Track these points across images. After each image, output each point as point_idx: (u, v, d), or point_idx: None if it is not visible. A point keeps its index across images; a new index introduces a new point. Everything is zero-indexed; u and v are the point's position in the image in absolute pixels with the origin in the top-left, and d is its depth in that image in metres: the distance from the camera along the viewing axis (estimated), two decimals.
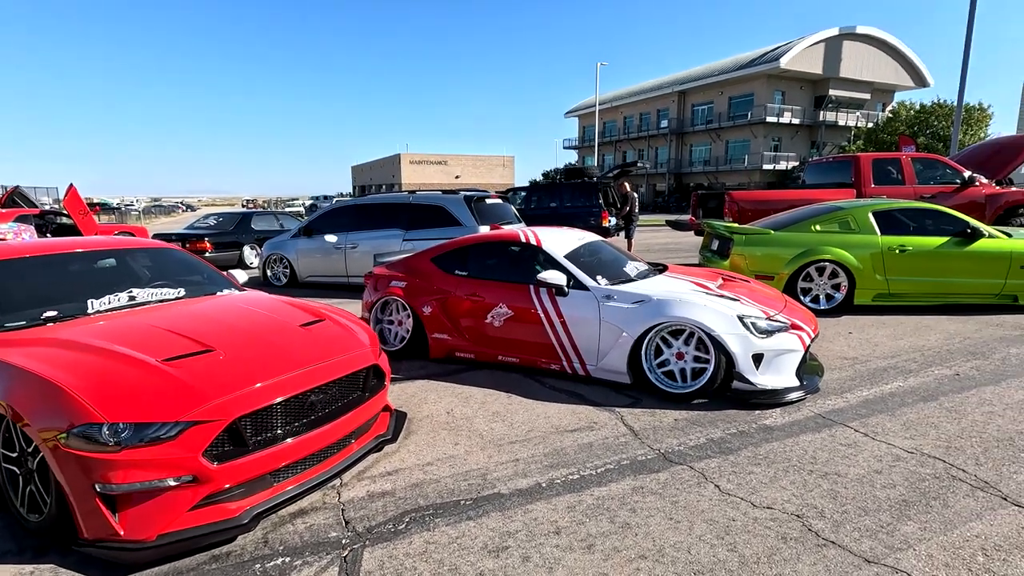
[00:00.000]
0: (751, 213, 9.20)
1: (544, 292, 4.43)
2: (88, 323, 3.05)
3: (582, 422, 3.62)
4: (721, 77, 45.65)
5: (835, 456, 3.06)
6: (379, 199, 9.10)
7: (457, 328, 4.85)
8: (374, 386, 3.23)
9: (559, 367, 4.43)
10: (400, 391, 4.31)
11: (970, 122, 33.04)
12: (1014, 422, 3.44)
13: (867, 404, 3.79)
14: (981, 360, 4.66)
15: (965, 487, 2.71)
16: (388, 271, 5.37)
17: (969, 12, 18.34)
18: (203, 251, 11.26)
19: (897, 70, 45.44)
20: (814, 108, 44.74)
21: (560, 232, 5.15)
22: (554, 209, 12.87)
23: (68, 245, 3.79)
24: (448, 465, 3.09)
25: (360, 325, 3.57)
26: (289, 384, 2.67)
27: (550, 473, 2.97)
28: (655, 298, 4.03)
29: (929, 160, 9.76)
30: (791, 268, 6.40)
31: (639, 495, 2.73)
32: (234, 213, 12.92)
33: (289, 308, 3.54)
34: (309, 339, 3.08)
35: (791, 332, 3.92)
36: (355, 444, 3.10)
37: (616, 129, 57.70)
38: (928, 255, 6.28)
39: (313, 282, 9.24)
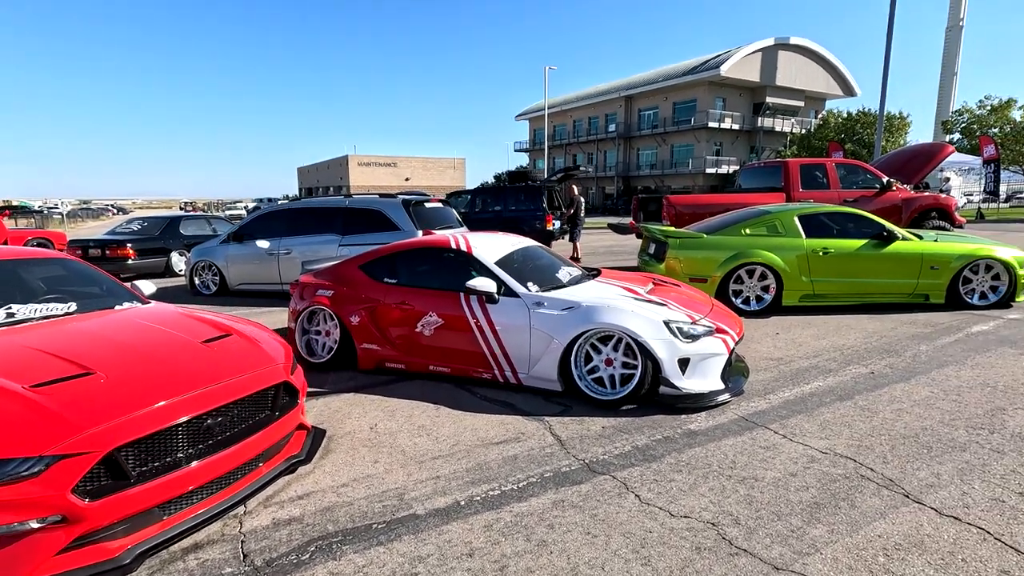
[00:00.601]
0: (688, 217, 9.43)
1: (475, 300, 4.33)
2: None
3: (509, 433, 3.54)
4: (666, 83, 47.00)
5: (754, 460, 3.10)
6: (314, 203, 8.78)
7: (387, 338, 4.69)
8: (285, 404, 3.04)
9: (491, 376, 4.34)
10: (324, 406, 4.11)
11: (891, 130, 35.29)
12: (919, 418, 3.60)
13: (788, 405, 3.88)
14: (894, 358, 4.88)
15: (872, 486, 2.79)
16: (315, 279, 5.14)
17: (888, 29, 19.57)
18: (125, 258, 10.58)
19: (828, 80, 48.06)
20: (753, 114, 46.71)
21: (492, 238, 5.07)
22: (498, 213, 12.82)
23: None
24: (364, 486, 2.94)
25: (274, 338, 3.37)
26: (181, 407, 2.46)
27: (470, 490, 2.86)
28: (584, 304, 4.00)
29: (851, 166, 10.28)
30: (723, 271, 6.56)
31: (559, 509, 2.66)
32: (161, 217, 12.21)
33: (193, 323, 3.30)
34: (210, 356, 2.87)
35: (716, 336, 3.97)
36: (264, 467, 2.91)
37: (566, 132, 58.43)
38: (849, 257, 6.57)
39: (245, 290, 8.82)
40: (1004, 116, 30.57)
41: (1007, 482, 2.79)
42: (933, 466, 2.97)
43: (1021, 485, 2.76)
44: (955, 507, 2.58)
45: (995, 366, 4.59)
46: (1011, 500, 2.63)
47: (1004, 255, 6.50)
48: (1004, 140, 29.17)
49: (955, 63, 37.55)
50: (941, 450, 3.15)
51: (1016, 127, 29.98)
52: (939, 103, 38.11)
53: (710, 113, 44.25)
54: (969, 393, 4.01)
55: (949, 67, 37.79)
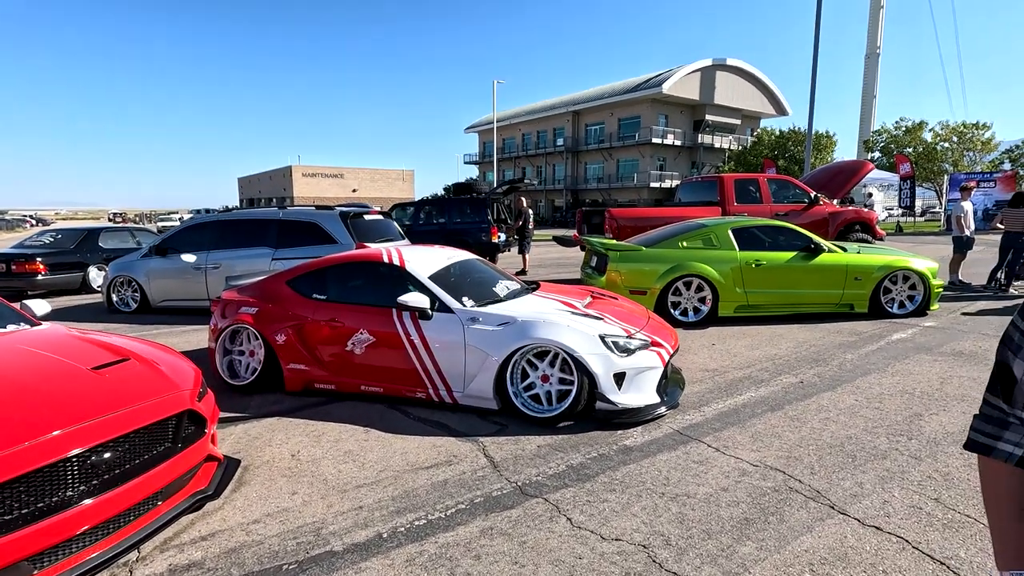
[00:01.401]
0: (629, 229, 9.57)
1: (408, 316, 4.17)
2: None
3: (441, 456, 3.38)
4: (611, 99, 48.26)
5: (687, 475, 3.07)
6: (246, 214, 8.36)
7: (315, 357, 4.44)
8: (190, 435, 2.78)
9: (425, 395, 4.17)
10: (243, 432, 3.82)
11: (819, 147, 37.50)
12: (845, 427, 3.69)
13: (721, 417, 3.91)
14: (822, 367, 5.04)
15: (800, 498, 2.80)
16: (238, 296, 4.83)
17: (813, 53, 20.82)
18: (34, 274, 9.75)
19: (762, 99, 50.66)
20: (694, 131, 48.60)
21: (427, 251, 4.92)
22: (443, 225, 12.66)
23: None
24: (279, 521, 2.71)
25: (181, 362, 3.10)
26: (59, 444, 2.18)
27: (394, 520, 2.69)
28: (520, 319, 3.91)
29: (782, 181, 10.76)
30: (661, 283, 6.65)
31: (487, 537, 2.53)
32: (78, 229, 11.34)
33: (85, 347, 2.98)
34: (99, 385, 2.58)
35: (651, 349, 3.96)
36: (163, 506, 2.63)
37: (515, 145, 58.93)
38: (779, 269, 6.80)
39: (168, 307, 8.26)
40: (917, 137, 33.06)
41: (923, 488, 2.87)
42: (857, 475, 3.03)
43: (936, 491, 2.84)
44: (877, 516, 2.62)
45: (913, 373, 4.81)
46: (927, 506, 2.70)
47: (919, 266, 6.89)
48: (917, 159, 31.51)
49: (874, 87, 40.40)
50: (864, 459, 3.23)
51: (927, 147, 32.45)
52: (861, 123, 40.85)
53: (653, 129, 45.72)
54: (890, 400, 4.16)
55: (869, 91, 40.62)
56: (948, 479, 2.96)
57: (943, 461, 3.17)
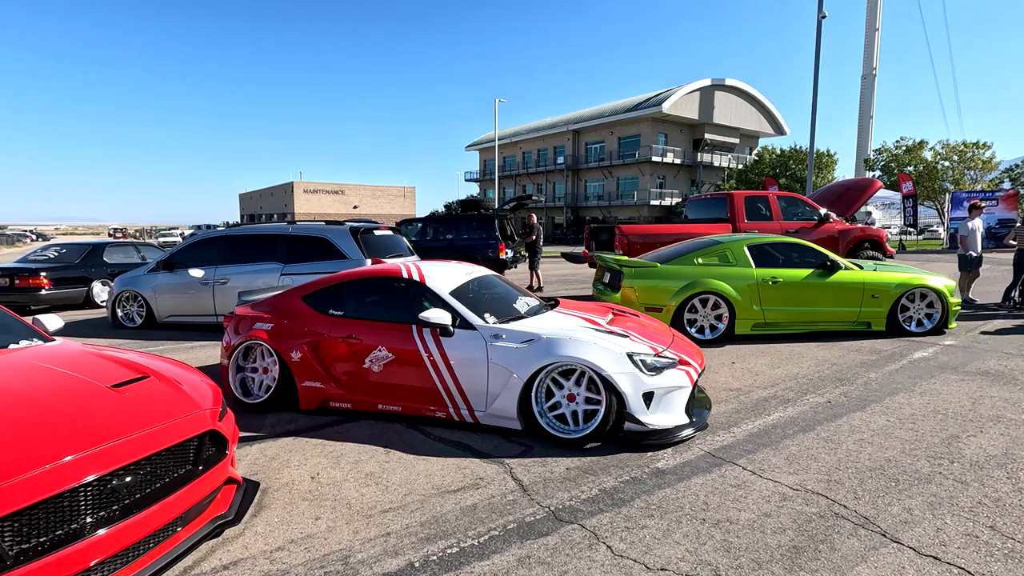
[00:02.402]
0: (639, 246, 9.51)
1: (428, 333, 4.06)
2: None
3: (467, 479, 3.26)
4: (611, 118, 48.73)
5: (726, 500, 2.95)
6: (255, 229, 8.29)
7: (331, 375, 4.32)
8: (211, 457, 2.66)
9: (445, 414, 4.05)
10: (259, 453, 3.69)
11: (820, 166, 37.77)
12: (882, 449, 3.57)
13: (753, 438, 3.79)
14: (847, 386, 4.93)
15: (848, 525, 2.68)
16: (252, 312, 4.73)
17: (814, 74, 21.04)
18: (38, 288, 9.65)
19: (760, 119, 51.21)
20: (693, 150, 49.01)
21: (446, 267, 4.84)
22: (450, 241, 12.61)
23: None
24: (304, 548, 2.58)
25: (201, 379, 2.99)
26: (79, 467, 2.07)
27: (425, 548, 2.56)
28: (545, 337, 3.81)
29: (791, 198, 10.74)
30: (677, 300, 6.56)
31: (525, 567, 2.40)
32: (82, 244, 11.26)
33: (103, 363, 2.87)
34: (120, 404, 2.47)
35: (680, 368, 3.86)
36: (183, 532, 2.50)
37: (515, 163, 59.33)
38: (796, 286, 6.72)
39: (175, 323, 8.14)
40: (917, 156, 33.30)
41: (976, 515, 2.75)
42: (903, 500, 2.91)
43: (990, 517, 2.72)
44: (932, 545, 2.50)
45: (941, 392, 4.70)
46: (984, 535, 2.58)
47: (936, 284, 6.82)
48: (918, 177, 31.71)
49: (870, 107, 40.83)
50: (908, 483, 3.10)
51: (928, 166, 32.68)
52: (858, 143, 41.20)
53: (653, 148, 46.09)
54: (923, 421, 4.05)
55: (866, 111, 41.04)
56: (1000, 505, 2.84)
57: (991, 486, 3.05)
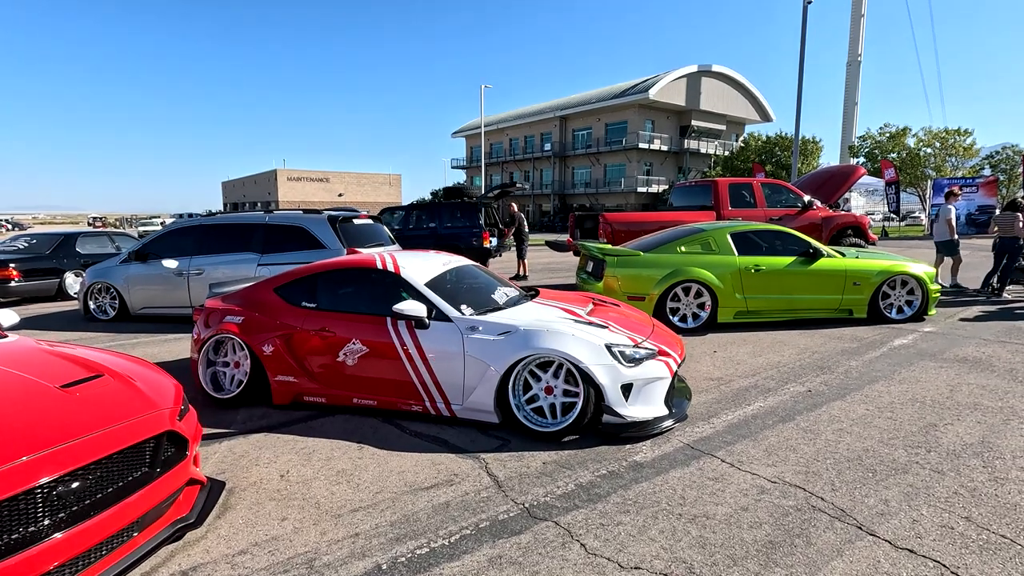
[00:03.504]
0: (624, 234, 9.45)
1: (403, 325, 3.96)
2: None
3: (441, 476, 3.18)
4: (598, 105, 48.43)
5: (703, 494, 2.90)
6: (230, 218, 8.07)
7: (304, 369, 4.21)
8: (169, 458, 2.55)
9: (421, 408, 3.97)
10: (227, 450, 3.58)
11: (805, 153, 37.92)
12: (860, 439, 3.55)
13: (732, 429, 3.75)
14: (828, 374, 4.92)
15: (824, 518, 2.64)
16: (222, 304, 4.59)
17: (799, 61, 21.00)
18: (6, 280, 9.36)
19: (746, 105, 51.19)
20: (680, 136, 48.93)
21: (422, 256, 4.72)
22: (433, 230, 12.44)
23: None
24: (267, 551, 2.49)
25: (161, 377, 2.87)
26: (19, 474, 1.95)
27: (394, 549, 2.48)
28: (522, 328, 3.73)
29: (775, 185, 10.72)
30: (660, 289, 6.51)
31: (496, 568, 2.33)
32: (53, 234, 10.95)
33: (55, 362, 2.74)
34: (69, 405, 2.35)
35: (659, 359, 3.80)
36: (140, 537, 2.39)
37: (503, 150, 58.90)
38: (779, 274, 6.70)
39: (149, 315, 7.94)
40: (900, 143, 33.53)
41: (952, 506, 2.73)
42: (880, 491, 2.88)
43: (965, 508, 2.71)
44: (908, 538, 2.47)
45: (920, 380, 4.71)
46: (959, 526, 2.56)
47: (917, 271, 6.84)
48: (901, 164, 31.95)
49: (855, 94, 40.96)
50: (885, 473, 3.08)
51: (911, 153, 32.93)
52: (843, 130, 41.37)
53: (640, 134, 45.94)
54: (902, 409, 4.04)
55: (851, 97, 41.17)
56: (976, 495, 2.83)
57: (967, 475, 3.04)
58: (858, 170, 11.73)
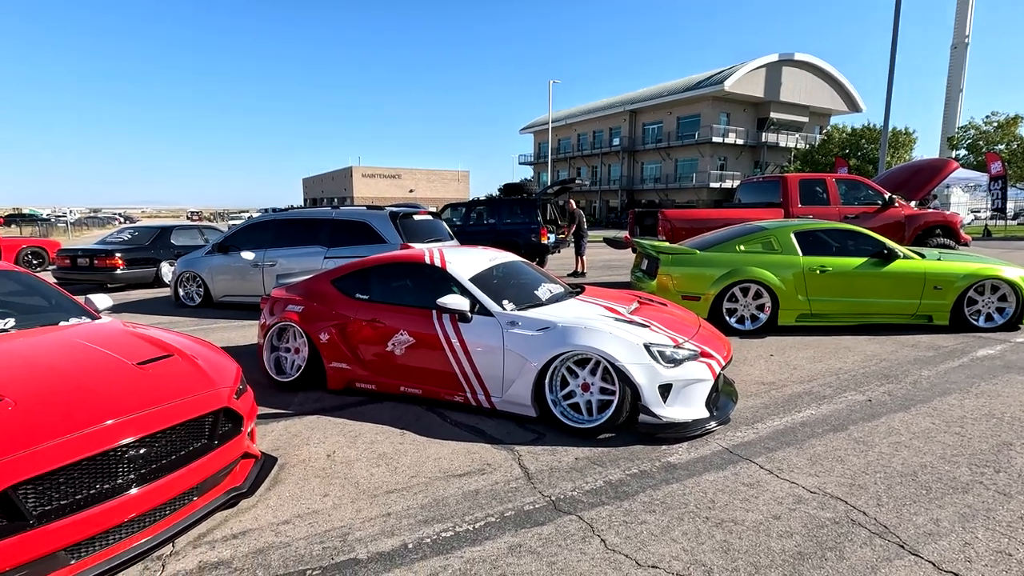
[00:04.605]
0: (684, 232, 9.20)
1: (447, 318, 4.11)
2: None
3: (475, 464, 3.29)
4: (670, 98, 47.02)
5: (735, 499, 2.84)
6: (301, 214, 8.61)
7: (357, 357, 4.46)
8: (226, 432, 2.81)
9: (463, 399, 4.10)
10: (283, 429, 3.87)
11: (896, 145, 35.05)
12: (919, 453, 3.33)
13: (777, 436, 3.62)
14: (893, 384, 4.61)
15: (864, 533, 2.52)
16: (286, 294, 4.93)
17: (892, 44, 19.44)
18: (113, 268, 10.43)
19: (832, 95, 47.97)
20: (757, 129, 46.61)
21: (470, 252, 4.85)
22: (493, 226, 12.62)
23: None
24: (308, 523, 2.70)
25: (224, 359, 3.15)
26: (98, 438, 2.24)
27: (422, 530, 2.62)
28: (560, 325, 3.77)
29: (852, 181, 10.04)
30: (716, 289, 6.32)
31: (514, 555, 2.41)
32: (152, 226, 12.08)
33: (135, 342, 3.08)
34: (142, 380, 2.65)
35: (701, 360, 3.72)
36: (199, 501, 2.67)
37: (570, 146, 58.51)
38: (847, 275, 6.31)
39: (229, 302, 8.62)
40: (1011, 133, 30.30)
41: (1014, 531, 2.52)
42: (932, 510, 2.70)
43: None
44: (956, 561, 2.32)
45: (1001, 395, 4.31)
46: (1018, 554, 2.36)
47: (1011, 275, 6.22)
48: (1011, 157, 28.87)
49: (960, 80, 37.43)
50: (941, 491, 2.88)
51: (1022, 144, 29.68)
52: (944, 119, 37.95)
53: (714, 128, 44.18)
54: (973, 425, 3.74)
55: (955, 84, 37.67)
56: None
57: None
58: (949, 164, 10.74)
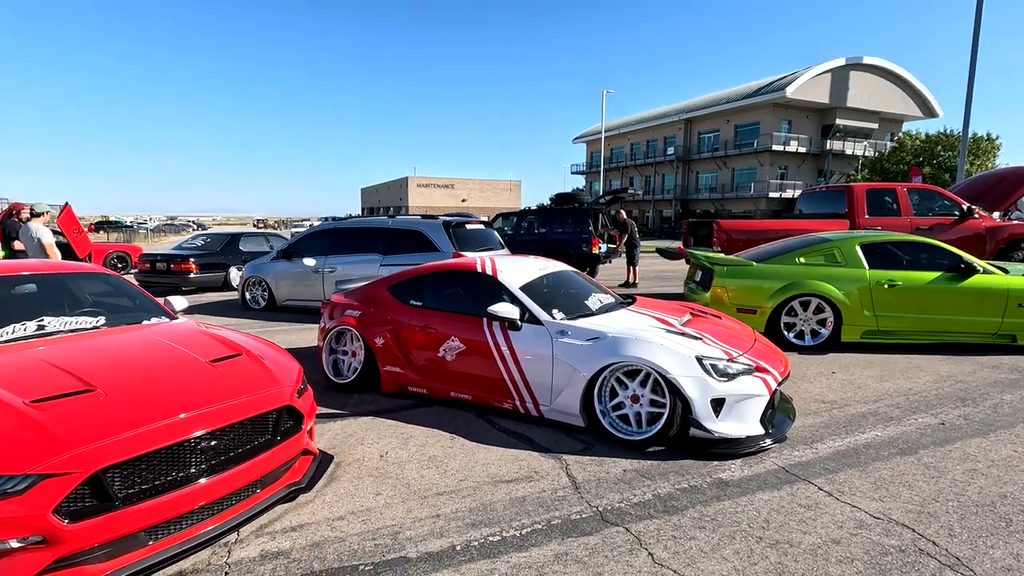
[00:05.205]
0: (740, 243, 8.93)
1: (497, 326, 4.17)
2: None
3: (522, 471, 3.32)
4: (727, 106, 45.85)
5: (791, 520, 2.74)
6: (359, 223, 8.95)
7: (409, 361, 4.59)
8: (288, 429, 2.97)
9: (511, 406, 4.15)
10: (340, 429, 4.03)
11: (977, 152, 32.73)
12: (998, 482, 3.10)
13: (838, 456, 3.46)
14: (971, 407, 4.31)
15: (933, 564, 2.38)
16: (345, 299, 5.14)
17: (972, 44, 18.25)
18: (187, 272, 11.15)
19: (905, 100, 45.42)
20: (821, 137, 44.71)
21: (520, 261, 4.91)
22: (544, 235, 12.67)
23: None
24: (361, 520, 2.80)
25: (287, 360, 3.33)
26: (175, 429, 2.42)
27: (469, 533, 2.67)
28: (610, 335, 3.76)
29: (926, 191, 9.46)
30: (774, 302, 6.10)
31: (560, 564, 2.42)
32: (222, 233, 12.84)
33: (207, 341, 3.31)
34: (214, 377, 2.84)
35: (756, 375, 3.62)
36: (261, 493, 2.82)
37: (623, 155, 57.99)
38: (920, 290, 5.96)
39: (291, 306, 9.05)
40: None
41: None
42: (1012, 544, 2.52)
43: None
44: None
45: None
46: None
47: None
48: None
49: None
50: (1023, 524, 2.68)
51: None
52: None
53: (774, 136, 42.70)
54: None
55: None
56: None
57: None
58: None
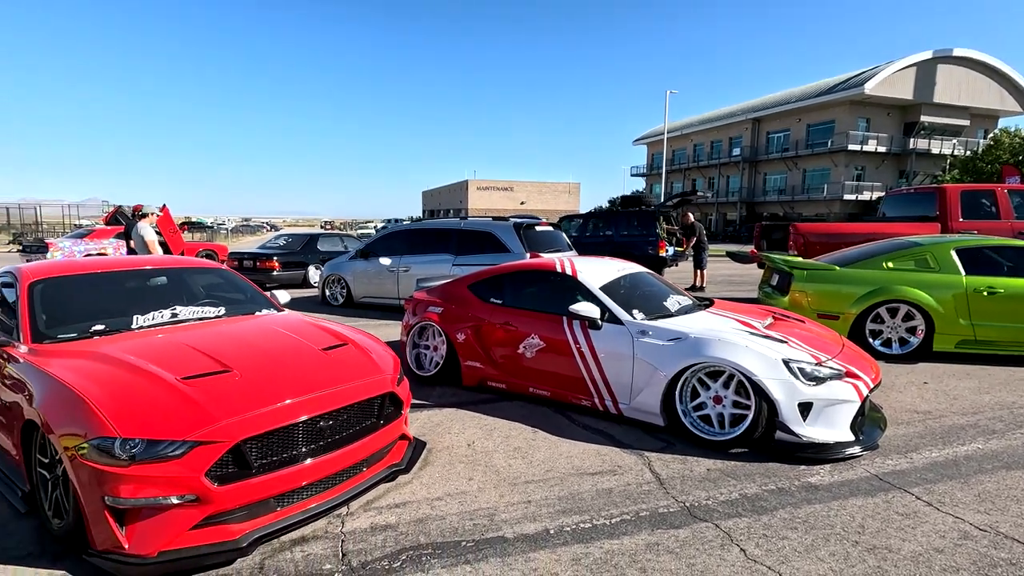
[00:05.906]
0: (819, 247, 8.61)
1: (577, 324, 4.29)
2: (128, 338, 3.23)
3: (605, 465, 3.42)
4: (799, 104, 43.87)
5: (888, 526, 2.70)
6: (432, 224, 9.30)
7: (489, 357, 4.78)
8: (390, 414, 3.20)
9: (590, 403, 4.25)
10: (426, 419, 4.27)
11: None
12: None
13: (935, 467, 3.35)
14: None
15: None
16: (427, 296, 5.41)
17: None
18: (271, 270, 11.90)
19: (1001, 93, 41.91)
20: (903, 135, 41.95)
21: (599, 262, 5.01)
22: (609, 238, 12.64)
23: (125, 263, 4.07)
24: (457, 501, 2.99)
25: (385, 350, 3.57)
26: (300, 408, 2.68)
27: (561, 519, 2.80)
28: (692, 336, 3.79)
29: None
30: (858, 308, 5.89)
31: (653, 552, 2.50)
32: (302, 234, 13.62)
33: (316, 331, 3.60)
34: (327, 363, 3.11)
35: (846, 380, 3.55)
36: (367, 472, 3.07)
37: (685, 157, 56.62)
38: (1021, 299, 5.58)
39: (367, 303, 9.51)
40: None
41: None
42: None
43: None
44: None
45: None
46: None
47: None
48: None
49: None
50: None
51: None
52: None
53: (851, 135, 40.44)
54: None
55: None
56: None
57: None
58: None
